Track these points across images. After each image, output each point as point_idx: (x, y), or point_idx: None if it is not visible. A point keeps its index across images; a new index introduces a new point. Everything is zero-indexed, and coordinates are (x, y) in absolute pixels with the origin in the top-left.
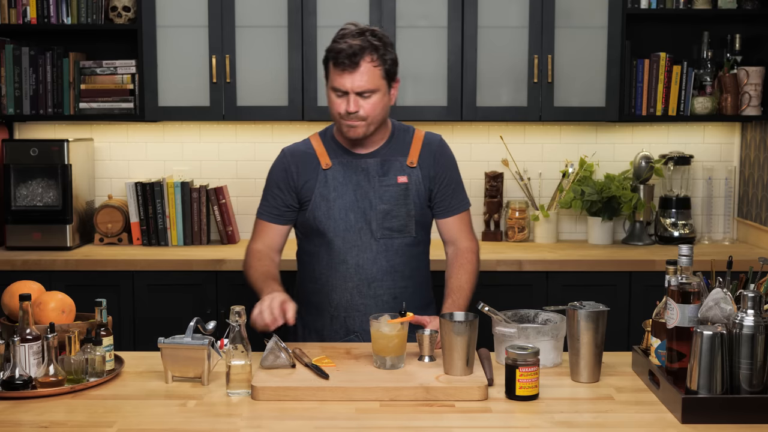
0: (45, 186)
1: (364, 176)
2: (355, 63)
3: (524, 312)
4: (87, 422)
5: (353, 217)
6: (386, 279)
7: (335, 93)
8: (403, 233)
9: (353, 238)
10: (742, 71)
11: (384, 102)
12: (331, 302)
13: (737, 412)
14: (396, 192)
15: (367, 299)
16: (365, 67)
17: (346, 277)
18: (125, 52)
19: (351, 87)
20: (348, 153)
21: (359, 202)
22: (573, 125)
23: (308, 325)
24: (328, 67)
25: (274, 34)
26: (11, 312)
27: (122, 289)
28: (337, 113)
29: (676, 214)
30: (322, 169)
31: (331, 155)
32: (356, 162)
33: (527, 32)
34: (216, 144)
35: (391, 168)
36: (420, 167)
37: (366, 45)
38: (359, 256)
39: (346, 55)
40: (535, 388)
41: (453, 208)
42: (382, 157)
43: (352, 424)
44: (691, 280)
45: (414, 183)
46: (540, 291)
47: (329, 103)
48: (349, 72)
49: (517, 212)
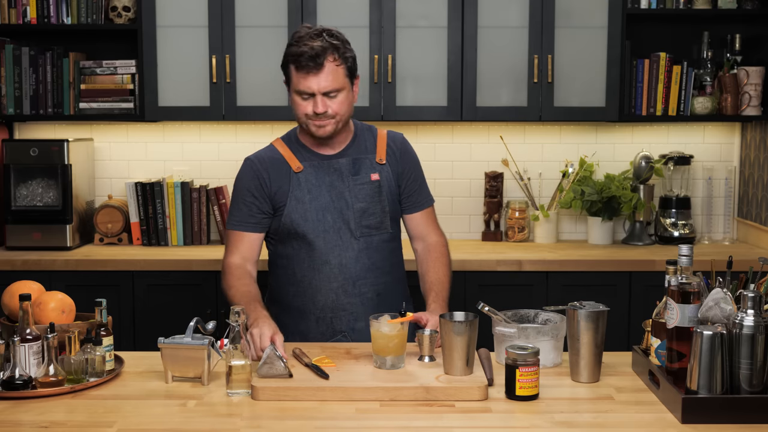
0: (45, 186)
1: (337, 176)
2: (319, 64)
3: (524, 312)
4: (87, 422)
5: (330, 217)
6: (369, 276)
7: (300, 96)
8: (380, 230)
9: (333, 239)
10: (742, 71)
11: (349, 99)
12: (315, 304)
13: (737, 412)
14: (370, 189)
15: (352, 298)
16: (329, 67)
17: (330, 277)
18: (125, 52)
19: (318, 88)
20: (316, 155)
21: (335, 202)
22: (573, 125)
23: (290, 328)
24: (288, 71)
25: (274, 34)
26: (11, 312)
27: (122, 289)
28: (303, 115)
29: (676, 214)
30: (294, 173)
31: (300, 158)
32: (327, 163)
33: (527, 32)
34: (216, 144)
35: (362, 166)
36: (389, 164)
37: (327, 45)
38: (342, 255)
39: (308, 57)
40: (535, 388)
41: (420, 203)
42: (351, 156)
43: (352, 424)
44: (691, 280)
45: (385, 179)
46: (540, 291)
47: (294, 106)
48: (314, 74)
49: (517, 212)
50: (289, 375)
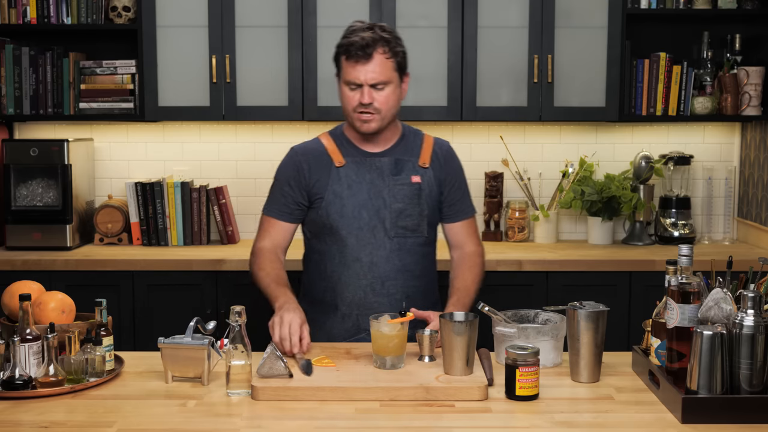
0: (45, 186)
1: (377, 174)
2: (368, 54)
3: (524, 312)
4: (87, 422)
5: (366, 215)
6: (399, 278)
7: (348, 87)
8: (415, 233)
9: (367, 236)
10: (742, 71)
11: (396, 95)
12: (343, 300)
13: (737, 412)
14: (409, 191)
15: (380, 297)
16: (378, 59)
17: (359, 274)
18: (125, 52)
19: (365, 79)
20: (360, 152)
21: (373, 200)
22: (573, 125)
23: (317, 323)
24: (339, 62)
25: (274, 34)
26: (11, 312)
27: (122, 289)
28: (350, 108)
29: (676, 214)
30: (335, 167)
31: (344, 153)
32: (370, 161)
33: (527, 32)
34: (216, 144)
35: (404, 168)
36: (432, 169)
37: (377, 37)
38: (373, 254)
39: (358, 47)
40: (535, 388)
41: (461, 213)
42: (394, 156)
43: (352, 424)
44: (691, 280)
45: (427, 184)
46: (540, 291)
47: (342, 98)
48: (362, 63)
49: (517, 212)
50: (289, 375)
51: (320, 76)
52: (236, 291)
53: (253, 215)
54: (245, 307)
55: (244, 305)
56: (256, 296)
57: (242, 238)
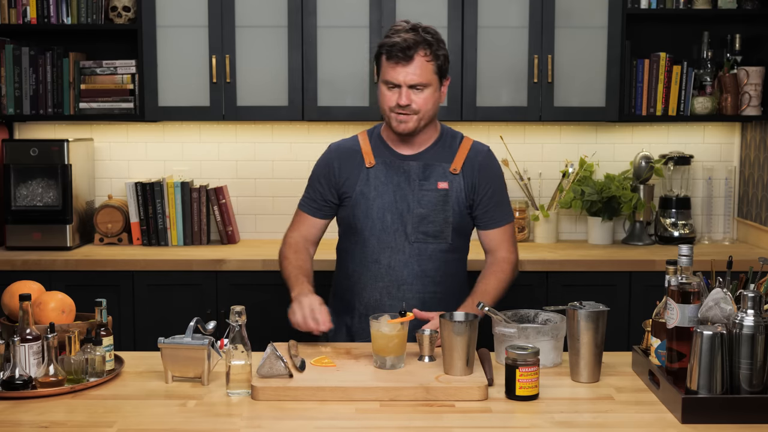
0: (45, 186)
1: (404, 178)
2: (409, 56)
3: (524, 312)
4: (87, 422)
5: (390, 217)
6: (416, 283)
7: (387, 86)
8: (438, 239)
9: (388, 239)
10: (742, 71)
11: (435, 98)
12: (361, 300)
13: (737, 412)
14: (435, 197)
15: (395, 301)
16: (419, 61)
17: (377, 276)
18: (125, 52)
19: (404, 80)
20: (393, 153)
21: (397, 204)
22: (573, 125)
23: (340, 319)
24: (380, 62)
25: (274, 34)
26: (11, 312)
27: (122, 289)
28: (387, 107)
29: (676, 214)
30: (366, 168)
31: (376, 154)
32: (399, 163)
33: (527, 32)
34: (216, 144)
35: (432, 173)
36: (463, 175)
37: (420, 39)
38: (392, 257)
39: (399, 48)
40: (535, 388)
41: (495, 220)
42: (425, 160)
43: (352, 424)
44: (691, 280)
45: (455, 190)
46: (540, 291)
47: (380, 97)
48: (402, 65)
49: (517, 212)
50: (289, 375)
51: (320, 76)
52: (236, 291)
53: (253, 215)
54: (245, 307)
55: (244, 305)
56: (256, 296)
57: (242, 238)
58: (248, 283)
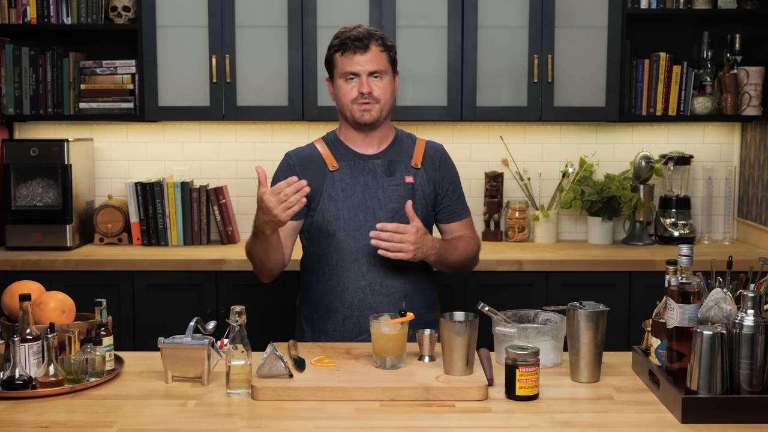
0: (45, 186)
1: (371, 177)
2: (365, 45)
3: (524, 312)
4: (87, 422)
5: (363, 216)
6: (397, 278)
7: (345, 79)
8: None
9: (363, 238)
10: (742, 71)
11: (392, 88)
12: (343, 302)
13: (737, 412)
14: (404, 191)
15: (379, 297)
16: (374, 50)
17: (358, 276)
18: (125, 52)
19: (362, 68)
20: (355, 154)
21: (368, 202)
22: (573, 125)
23: (317, 327)
24: (333, 62)
25: (274, 34)
26: (11, 312)
27: (122, 289)
28: (349, 100)
29: (676, 214)
30: (330, 171)
31: (338, 157)
32: (363, 163)
33: (527, 32)
34: (216, 144)
35: (397, 168)
36: (424, 169)
37: (372, 32)
38: (371, 255)
39: (355, 38)
40: (535, 388)
41: (457, 212)
42: (388, 157)
43: (352, 424)
44: (691, 280)
45: (420, 184)
46: (540, 291)
47: (339, 93)
48: (360, 53)
49: (517, 212)
50: (289, 375)
51: (320, 76)
52: (236, 291)
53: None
54: (245, 307)
55: (244, 305)
56: (257, 296)
57: (242, 238)
58: (248, 283)
